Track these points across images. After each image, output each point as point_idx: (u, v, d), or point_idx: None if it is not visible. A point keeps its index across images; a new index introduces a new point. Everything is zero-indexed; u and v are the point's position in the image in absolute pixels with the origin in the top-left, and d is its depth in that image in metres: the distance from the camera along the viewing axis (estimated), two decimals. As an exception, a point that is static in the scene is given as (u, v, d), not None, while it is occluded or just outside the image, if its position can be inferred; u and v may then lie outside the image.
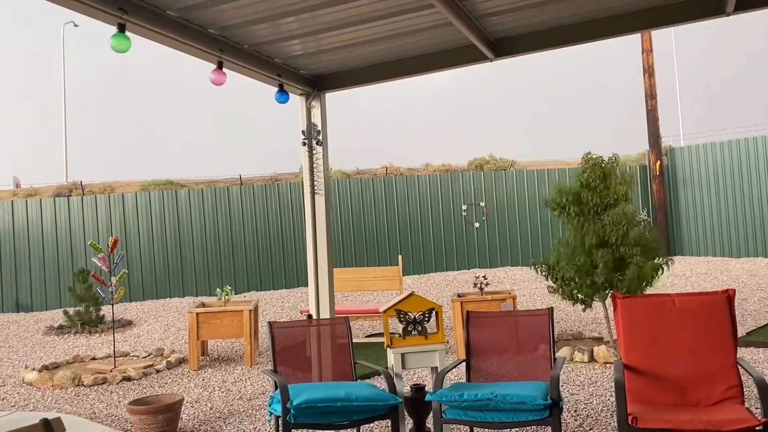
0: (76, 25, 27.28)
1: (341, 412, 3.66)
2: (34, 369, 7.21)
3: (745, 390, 4.97)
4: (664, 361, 3.58)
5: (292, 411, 3.52)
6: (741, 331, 7.36)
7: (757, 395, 4.84)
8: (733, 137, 14.96)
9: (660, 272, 6.47)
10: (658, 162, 15.79)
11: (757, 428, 2.94)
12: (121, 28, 3.21)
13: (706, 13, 3.82)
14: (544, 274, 6.86)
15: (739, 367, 3.46)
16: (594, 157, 6.83)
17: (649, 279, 6.36)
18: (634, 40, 18.10)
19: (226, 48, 3.94)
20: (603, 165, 6.77)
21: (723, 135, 15.28)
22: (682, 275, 12.47)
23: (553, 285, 6.86)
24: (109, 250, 7.20)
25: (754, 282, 11.09)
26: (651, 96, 15.94)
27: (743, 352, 6.39)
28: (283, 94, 4.47)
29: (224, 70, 3.91)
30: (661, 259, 6.52)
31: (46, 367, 7.33)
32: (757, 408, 4.62)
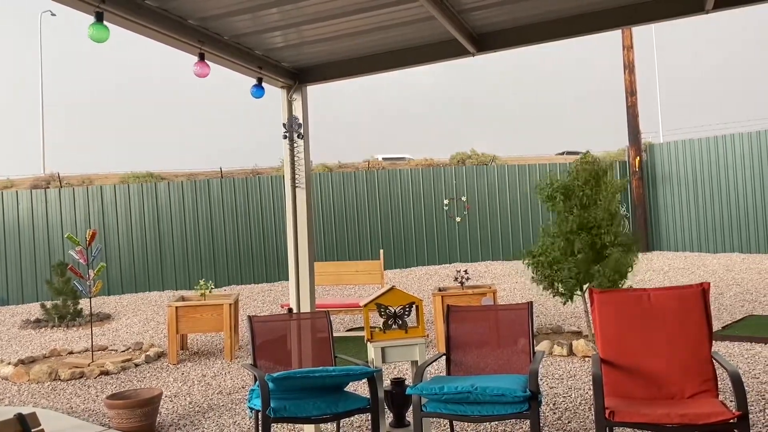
0: (53, 14, 26.88)
1: (319, 390, 3.73)
2: (9, 363, 7.10)
3: (720, 383, 5.06)
4: (640, 356, 3.63)
5: (270, 384, 3.54)
6: (717, 325, 7.47)
7: (731, 388, 4.92)
8: (711, 134, 15.16)
9: (633, 265, 6.62)
10: (638, 158, 15.95)
11: (731, 421, 2.99)
12: (99, 18, 3.15)
13: (686, 11, 3.86)
14: (528, 263, 6.93)
15: (714, 361, 3.51)
16: (589, 156, 6.99)
17: (628, 270, 6.48)
18: (615, 36, 18.26)
19: (207, 39, 3.89)
20: (597, 166, 6.90)
21: (701, 132, 15.47)
22: (659, 270, 12.62)
23: (535, 276, 6.94)
24: (87, 243, 7.12)
25: (730, 277, 11.27)
26: (631, 92, 16.08)
27: (718, 346, 6.49)
28: (259, 89, 4.41)
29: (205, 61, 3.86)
30: (632, 257, 6.65)
31: (22, 361, 7.23)
32: (731, 401, 4.69)
